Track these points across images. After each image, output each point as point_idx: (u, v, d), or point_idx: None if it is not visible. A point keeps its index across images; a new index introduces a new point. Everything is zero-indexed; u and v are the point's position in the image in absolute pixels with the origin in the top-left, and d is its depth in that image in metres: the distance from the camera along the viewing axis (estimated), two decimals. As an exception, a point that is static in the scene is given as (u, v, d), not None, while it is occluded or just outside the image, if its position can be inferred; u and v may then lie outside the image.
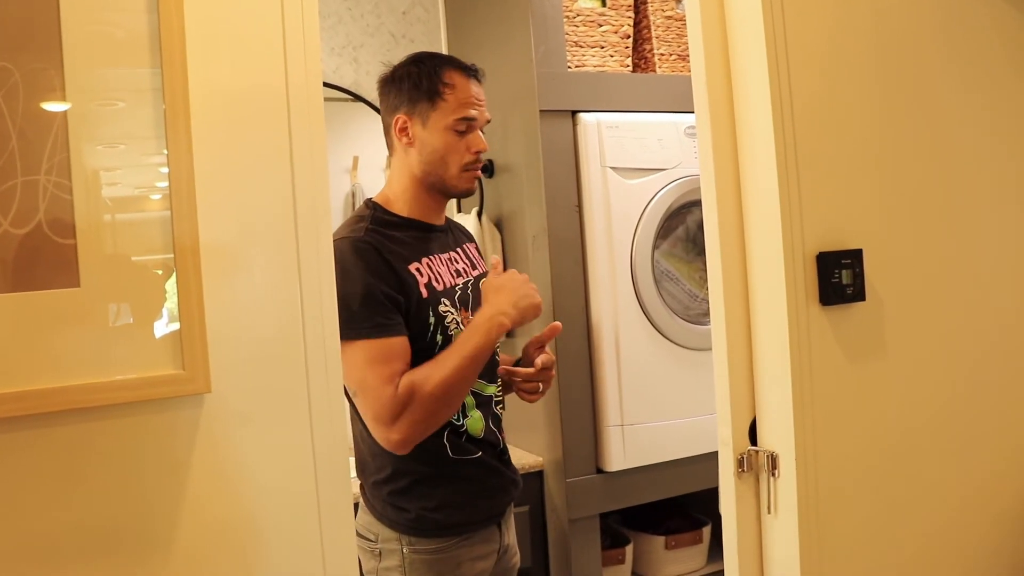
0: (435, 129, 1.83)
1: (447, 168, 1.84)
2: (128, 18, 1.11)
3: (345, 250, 1.72)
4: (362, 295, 1.70)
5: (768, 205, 1.50)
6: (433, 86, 1.83)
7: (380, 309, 1.72)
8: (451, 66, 1.86)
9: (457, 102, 1.82)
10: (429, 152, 1.84)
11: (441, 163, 1.84)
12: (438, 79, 1.83)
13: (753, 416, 1.55)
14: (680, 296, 2.64)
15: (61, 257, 1.06)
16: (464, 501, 1.84)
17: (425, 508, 1.80)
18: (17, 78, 1.03)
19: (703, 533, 2.78)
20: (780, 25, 1.50)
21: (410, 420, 1.68)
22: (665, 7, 2.76)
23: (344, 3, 2.97)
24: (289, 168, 1.22)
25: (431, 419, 1.72)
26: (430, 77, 1.83)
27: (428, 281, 1.80)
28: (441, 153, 1.83)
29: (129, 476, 1.11)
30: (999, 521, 1.75)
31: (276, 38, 1.22)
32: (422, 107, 1.84)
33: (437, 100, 1.82)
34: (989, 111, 1.76)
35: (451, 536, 1.82)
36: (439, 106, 1.82)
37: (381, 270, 1.74)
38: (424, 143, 1.84)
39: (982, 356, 1.73)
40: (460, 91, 1.83)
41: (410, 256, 1.81)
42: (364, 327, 1.69)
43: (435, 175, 1.85)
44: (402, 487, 1.81)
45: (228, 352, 1.16)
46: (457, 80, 1.84)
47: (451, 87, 1.83)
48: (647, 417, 2.55)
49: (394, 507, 1.82)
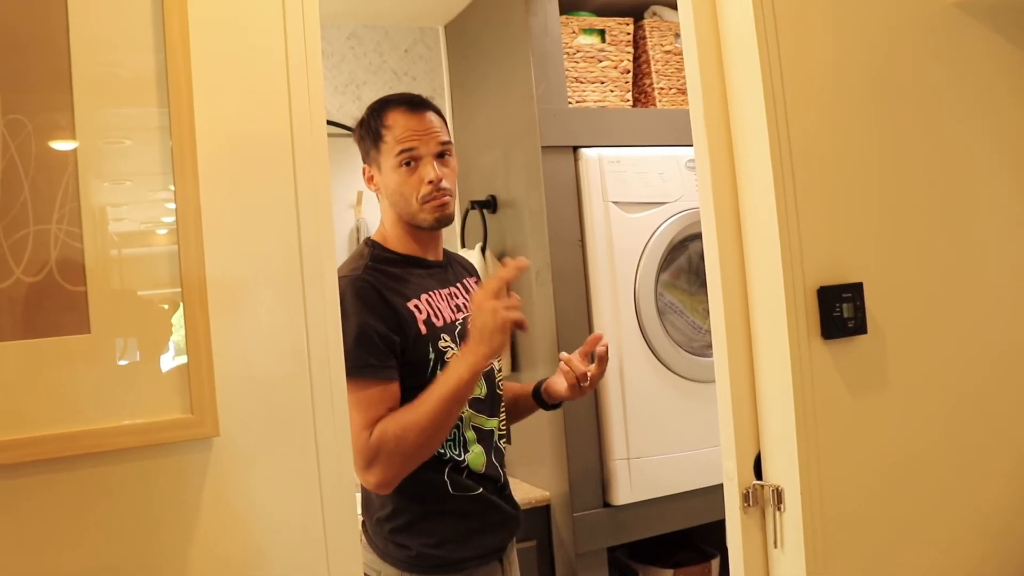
0: (386, 170, 1.89)
1: (408, 204, 1.87)
2: (136, 58, 1.14)
3: (344, 288, 1.73)
4: (356, 335, 1.72)
5: (768, 240, 1.51)
6: (375, 131, 1.89)
7: (372, 350, 1.74)
8: (392, 106, 1.90)
9: (394, 140, 1.87)
10: (390, 193, 1.89)
11: (402, 201, 1.88)
12: (379, 123, 1.89)
13: (758, 450, 1.56)
14: (684, 328, 2.64)
15: (72, 304, 1.07)
16: (465, 537, 1.85)
17: (426, 545, 1.81)
18: (30, 129, 1.05)
19: (712, 566, 2.76)
20: (776, 59, 1.52)
21: (385, 465, 1.71)
22: (664, 42, 2.79)
23: (347, 42, 3.01)
24: (294, 207, 1.24)
25: (407, 462, 1.73)
26: (372, 124, 1.90)
27: (427, 317, 1.82)
28: (398, 191, 1.87)
29: (139, 519, 1.12)
30: (1004, 550, 1.74)
31: (280, 79, 1.24)
32: (373, 154, 1.91)
33: (379, 143, 1.89)
34: (988, 139, 1.77)
35: (452, 572, 1.83)
36: (382, 148, 1.89)
37: (378, 309, 1.76)
38: (385, 186, 1.90)
39: (985, 387, 1.73)
40: (397, 128, 1.87)
41: (409, 293, 1.83)
42: (352, 367, 1.69)
43: (404, 213, 1.89)
44: (403, 524, 1.82)
45: (235, 393, 1.17)
46: (395, 119, 1.88)
47: (389, 127, 1.88)
48: (653, 450, 2.54)
49: (396, 544, 1.82)
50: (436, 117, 1.92)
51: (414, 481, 1.79)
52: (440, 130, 1.90)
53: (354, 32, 3.03)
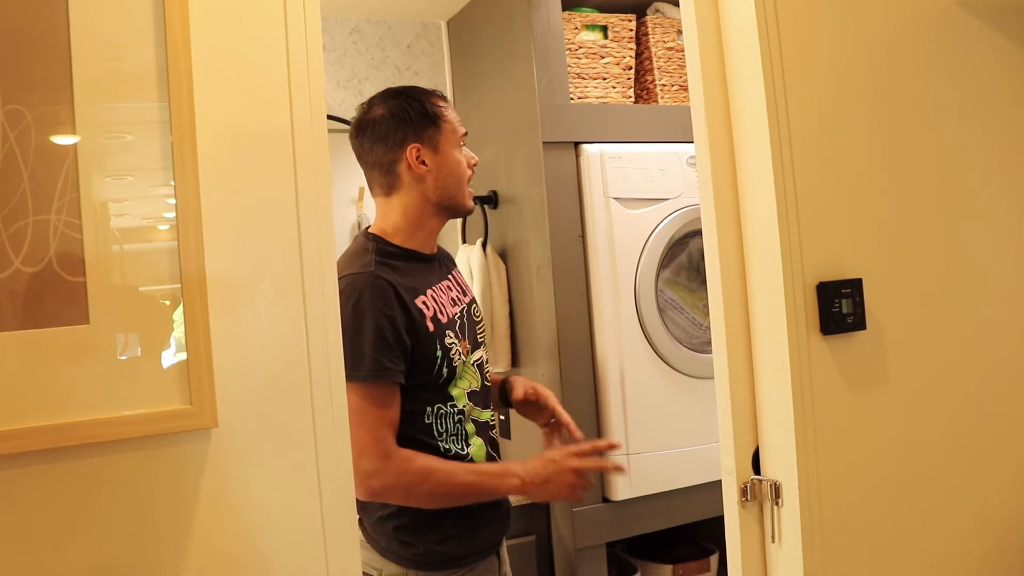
0: (447, 150, 1.89)
1: (460, 186, 1.91)
2: (136, 53, 1.14)
3: (361, 285, 1.74)
4: (375, 336, 1.72)
5: (768, 235, 1.52)
6: (432, 111, 1.89)
7: (389, 353, 1.73)
8: (429, 93, 1.94)
9: (456, 121, 1.92)
10: (446, 175, 1.89)
11: (457, 183, 1.90)
12: (431, 105, 1.90)
13: (756, 445, 1.56)
14: (684, 324, 2.65)
15: (71, 294, 1.08)
16: (467, 533, 1.86)
17: (432, 542, 1.82)
18: (29, 120, 1.06)
19: (711, 561, 2.76)
20: (777, 56, 1.52)
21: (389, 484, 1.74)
22: (666, 38, 2.78)
23: (350, 37, 3.02)
24: (294, 203, 1.24)
25: (405, 498, 1.78)
26: (423, 105, 1.89)
27: (434, 314, 1.82)
28: (457, 172, 1.90)
29: (138, 509, 1.12)
30: (1003, 547, 1.74)
31: (281, 73, 1.24)
32: (430, 132, 1.88)
33: (441, 123, 1.89)
34: (988, 137, 1.77)
35: (456, 568, 1.84)
36: (444, 128, 1.89)
37: (396, 309, 1.75)
38: (441, 166, 1.89)
39: (984, 382, 1.73)
40: (450, 111, 1.92)
41: (417, 288, 1.83)
42: (370, 370, 1.72)
43: (451, 197, 1.90)
44: (408, 522, 1.82)
45: (235, 387, 1.17)
46: (441, 103, 1.92)
47: (444, 108, 1.91)
48: (653, 446, 2.55)
49: (400, 542, 1.83)
50: None
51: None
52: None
53: (357, 27, 3.03)
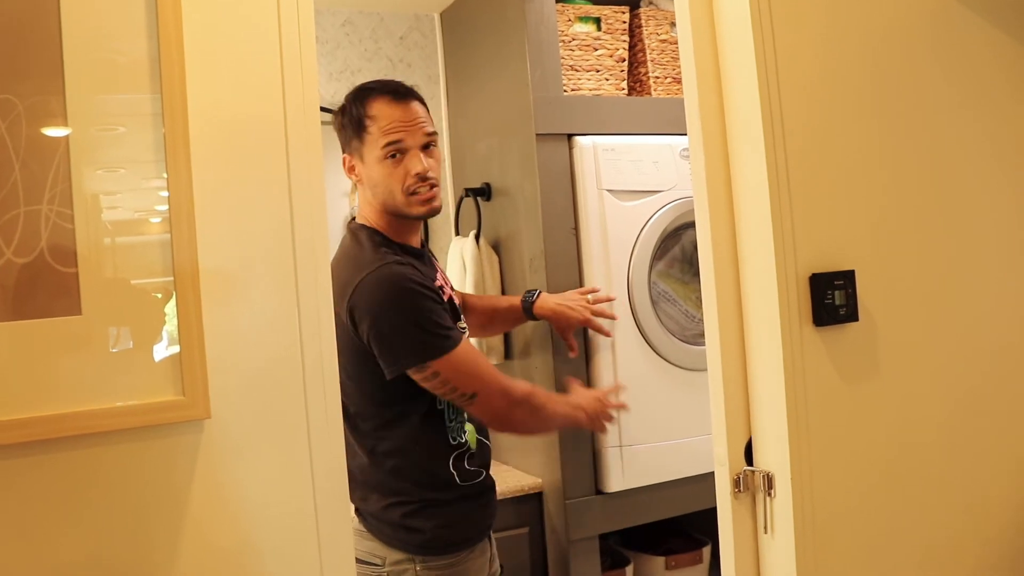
0: (371, 162, 1.86)
1: (393, 196, 1.86)
2: (128, 44, 1.13)
3: (394, 279, 1.78)
4: (435, 310, 1.79)
5: (761, 226, 1.52)
6: (359, 121, 1.85)
7: (446, 317, 1.82)
8: (375, 95, 1.87)
9: (380, 131, 1.83)
10: (374, 185, 1.87)
11: (387, 193, 1.86)
12: (362, 113, 1.85)
13: (749, 436, 1.56)
14: (677, 317, 2.65)
15: (63, 285, 1.07)
16: (470, 516, 1.93)
17: (439, 526, 1.86)
18: (20, 110, 1.05)
19: (703, 553, 2.77)
20: (771, 47, 1.52)
21: (520, 415, 1.92)
22: (660, 31, 2.78)
23: (342, 28, 3.01)
24: (287, 195, 1.24)
25: (524, 423, 1.99)
26: (355, 113, 1.86)
27: (449, 299, 1.88)
28: (383, 184, 1.85)
29: (130, 500, 1.12)
30: (997, 539, 1.75)
31: (274, 65, 1.24)
32: (355, 144, 1.88)
33: (363, 134, 1.85)
34: (983, 130, 1.77)
35: (459, 551, 1.89)
36: (366, 139, 1.85)
37: (430, 290, 1.81)
38: (368, 177, 1.87)
39: (978, 375, 1.74)
40: (382, 119, 1.84)
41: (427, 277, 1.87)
42: (453, 334, 1.80)
43: (388, 205, 1.87)
44: (414, 509, 1.86)
45: (227, 378, 1.17)
46: (378, 109, 1.85)
47: (373, 118, 1.84)
48: (646, 438, 2.55)
49: (407, 529, 1.86)
50: (420, 107, 1.89)
51: (423, 470, 1.87)
52: (425, 120, 1.88)
53: (349, 19, 3.02)
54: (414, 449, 1.87)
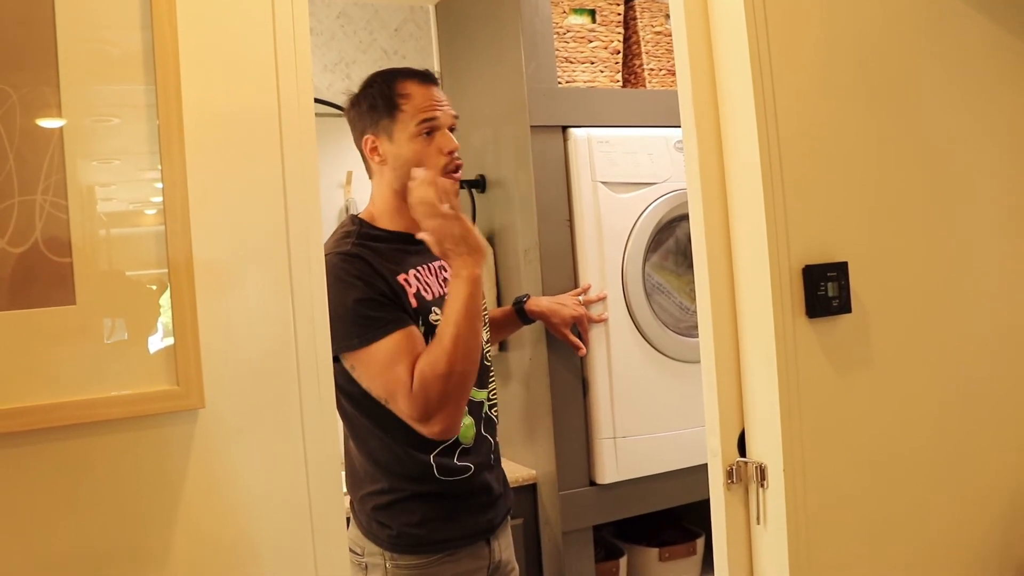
0: (401, 140, 1.85)
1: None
2: (123, 35, 1.13)
3: (337, 264, 1.73)
4: (357, 301, 1.71)
5: (754, 218, 1.52)
6: (389, 100, 1.85)
7: (379, 310, 1.72)
8: (403, 77, 1.88)
9: (414, 109, 1.84)
10: (403, 163, 1.84)
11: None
12: (393, 93, 1.85)
13: (742, 428, 1.57)
14: (671, 309, 2.66)
15: (57, 275, 1.07)
16: (449, 516, 1.83)
17: (407, 524, 1.80)
18: (14, 99, 1.05)
19: (696, 545, 2.78)
20: (764, 40, 1.52)
21: (438, 405, 1.67)
22: (655, 23, 2.78)
23: (337, 20, 3.00)
24: (281, 186, 1.24)
25: (457, 393, 1.70)
26: (385, 93, 1.86)
27: (417, 291, 1.81)
28: (413, 162, 1.83)
29: (124, 490, 1.12)
30: (989, 532, 1.76)
31: (268, 56, 1.24)
32: (384, 123, 1.86)
33: (396, 112, 1.85)
34: (978, 123, 1.78)
35: (434, 552, 1.81)
36: (398, 118, 1.84)
37: (375, 280, 1.75)
38: (395, 157, 1.86)
39: (971, 367, 1.75)
40: (416, 98, 1.85)
41: (397, 268, 1.82)
42: (364, 332, 1.71)
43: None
44: (386, 502, 1.81)
45: (221, 367, 1.17)
46: (411, 89, 1.86)
47: (406, 97, 1.85)
48: (640, 429, 2.56)
49: (377, 523, 1.82)
50: (442, 92, 1.92)
51: (400, 459, 1.79)
52: (449, 104, 1.91)
53: (344, 10, 3.02)
54: (394, 430, 1.78)
